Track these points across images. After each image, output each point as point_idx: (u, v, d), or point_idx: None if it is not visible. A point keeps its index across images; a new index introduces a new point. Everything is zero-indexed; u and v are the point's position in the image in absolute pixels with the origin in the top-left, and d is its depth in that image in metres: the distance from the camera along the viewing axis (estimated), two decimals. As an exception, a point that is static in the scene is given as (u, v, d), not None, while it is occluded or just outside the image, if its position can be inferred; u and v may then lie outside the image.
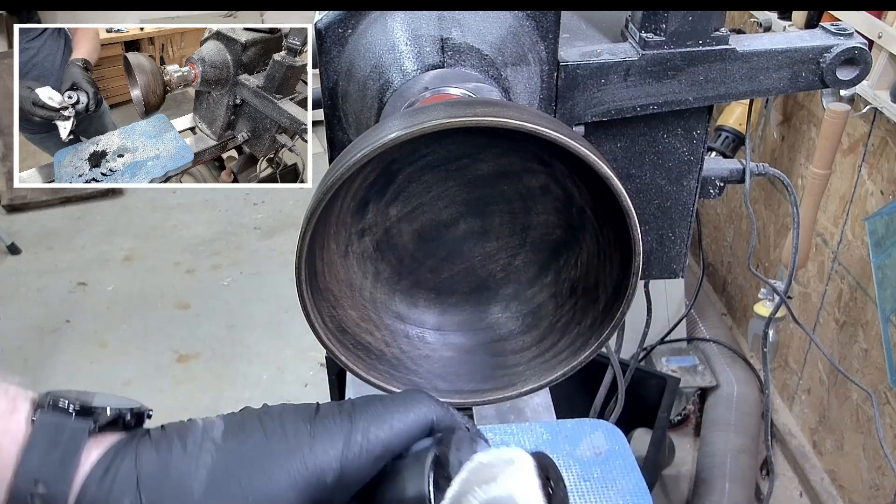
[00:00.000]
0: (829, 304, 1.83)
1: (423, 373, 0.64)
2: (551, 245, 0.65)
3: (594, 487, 0.73)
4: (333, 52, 0.69)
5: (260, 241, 3.00)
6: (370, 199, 0.61)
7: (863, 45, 0.72)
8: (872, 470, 1.71)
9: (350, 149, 0.52)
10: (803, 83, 0.74)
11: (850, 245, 1.72)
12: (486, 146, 0.60)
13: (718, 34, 0.71)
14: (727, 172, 0.84)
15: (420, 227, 0.64)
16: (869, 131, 1.62)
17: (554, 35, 0.69)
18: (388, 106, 0.63)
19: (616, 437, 0.79)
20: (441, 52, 0.64)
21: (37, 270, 2.90)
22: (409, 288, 0.67)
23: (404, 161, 0.60)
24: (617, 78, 0.71)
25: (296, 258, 0.53)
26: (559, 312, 0.65)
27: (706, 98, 0.73)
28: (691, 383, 2.08)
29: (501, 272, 0.67)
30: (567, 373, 0.61)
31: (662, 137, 0.77)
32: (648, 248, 0.83)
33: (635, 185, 0.79)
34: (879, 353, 1.62)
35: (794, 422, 2.04)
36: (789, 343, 2.04)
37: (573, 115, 0.73)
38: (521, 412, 0.90)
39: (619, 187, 0.51)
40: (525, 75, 0.69)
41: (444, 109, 0.51)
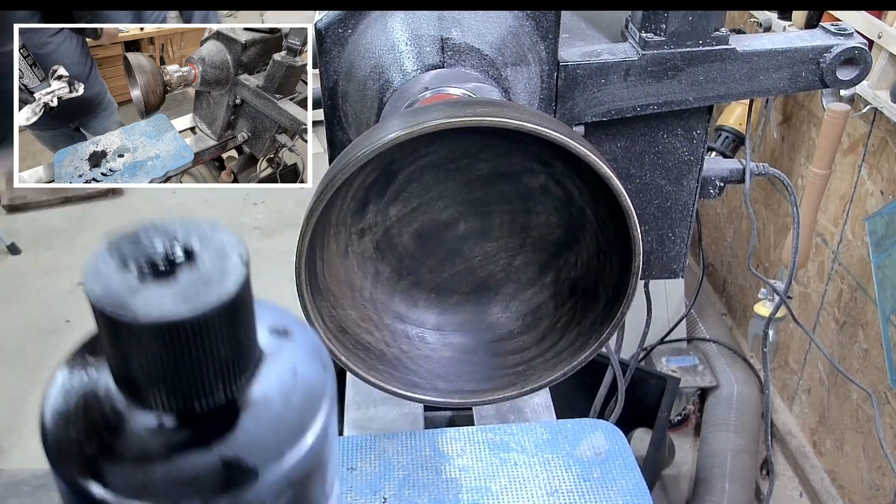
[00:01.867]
0: (829, 304, 1.83)
1: (423, 373, 0.64)
2: (551, 245, 0.65)
3: (594, 487, 0.73)
4: (333, 52, 0.69)
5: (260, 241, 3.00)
6: (370, 199, 0.61)
7: (863, 45, 0.72)
8: (872, 470, 1.71)
9: (350, 149, 0.52)
10: (803, 83, 0.74)
11: (850, 245, 1.72)
12: (486, 146, 0.60)
13: (718, 34, 0.71)
14: (727, 172, 0.84)
15: (420, 227, 0.64)
16: (869, 131, 1.62)
17: (554, 35, 0.69)
18: (388, 106, 0.63)
19: (616, 437, 0.79)
20: (441, 52, 0.64)
21: (37, 270, 2.89)
22: (409, 288, 0.67)
23: (404, 161, 0.60)
24: (617, 78, 0.71)
25: (296, 258, 0.53)
26: (559, 312, 0.65)
27: (706, 98, 0.73)
28: (691, 383, 2.08)
29: (501, 272, 0.67)
30: (567, 373, 0.61)
31: (662, 137, 0.77)
32: (648, 248, 0.83)
33: (635, 185, 0.79)
34: (879, 353, 1.62)
35: (794, 422, 2.04)
36: (789, 343, 2.04)
37: (573, 115, 0.73)
38: (521, 412, 0.90)
39: (619, 187, 0.51)
40: (525, 75, 0.69)
41: (444, 109, 0.51)
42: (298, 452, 0.24)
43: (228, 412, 0.24)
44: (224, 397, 0.24)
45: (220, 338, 0.23)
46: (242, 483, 0.23)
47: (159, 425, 0.24)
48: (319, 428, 0.25)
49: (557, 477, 0.74)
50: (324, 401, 0.26)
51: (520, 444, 0.78)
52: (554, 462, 0.76)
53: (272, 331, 0.27)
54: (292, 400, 0.25)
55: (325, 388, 0.26)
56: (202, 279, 0.23)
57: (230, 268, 0.23)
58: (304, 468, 0.24)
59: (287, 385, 0.26)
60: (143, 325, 0.22)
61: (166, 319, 0.22)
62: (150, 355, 0.23)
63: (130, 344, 0.23)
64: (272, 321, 0.28)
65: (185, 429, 0.24)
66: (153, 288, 0.23)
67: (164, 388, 0.23)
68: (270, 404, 0.25)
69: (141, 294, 0.23)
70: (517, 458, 0.77)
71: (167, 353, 0.22)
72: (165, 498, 0.22)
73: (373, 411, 0.89)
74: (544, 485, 0.74)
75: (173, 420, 0.24)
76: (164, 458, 0.23)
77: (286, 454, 0.24)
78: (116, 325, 0.22)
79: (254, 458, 0.23)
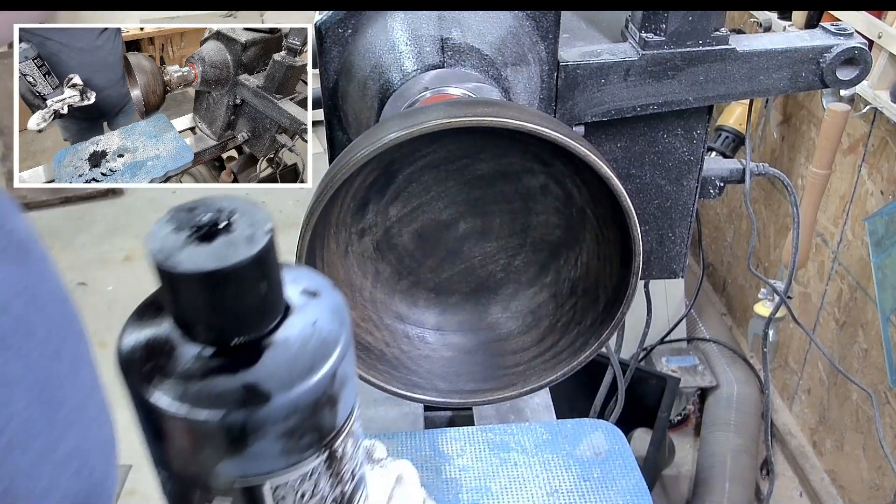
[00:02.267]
0: (829, 304, 1.83)
1: (423, 373, 0.64)
2: (551, 245, 0.65)
3: (594, 487, 0.73)
4: (333, 52, 0.69)
5: (260, 241, 3.00)
6: (370, 199, 0.61)
7: (863, 45, 0.72)
8: (872, 470, 1.71)
9: (350, 149, 0.52)
10: (803, 83, 0.74)
11: (850, 245, 1.72)
12: (486, 146, 0.60)
13: (718, 34, 0.71)
14: (727, 172, 0.84)
15: (420, 227, 0.64)
16: (869, 131, 1.62)
17: (554, 35, 0.69)
18: (388, 106, 0.63)
19: (616, 437, 0.79)
20: (441, 52, 0.64)
21: (37, 270, 2.89)
22: (409, 288, 0.67)
23: (404, 161, 0.60)
24: (617, 78, 0.71)
25: (296, 258, 0.53)
26: (559, 312, 0.65)
27: (706, 98, 0.73)
28: (691, 383, 2.08)
29: (501, 272, 0.67)
30: (567, 373, 0.61)
31: (662, 137, 0.77)
32: (648, 248, 0.83)
33: (635, 185, 0.79)
34: (879, 353, 1.62)
35: (794, 422, 2.04)
36: (789, 343, 2.04)
37: (573, 115, 0.73)
38: (521, 412, 0.90)
39: (619, 187, 0.51)
40: (525, 75, 0.69)
41: (444, 109, 0.51)
42: (307, 386, 0.30)
43: (253, 348, 0.31)
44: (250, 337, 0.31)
45: (245, 289, 0.30)
46: (257, 403, 0.29)
47: (199, 353, 0.31)
48: (328, 369, 0.31)
49: (557, 477, 0.74)
50: (336, 349, 0.32)
51: (520, 444, 0.78)
52: (554, 462, 0.76)
53: (304, 291, 0.34)
54: (308, 345, 0.31)
55: (339, 340, 0.32)
56: (233, 243, 0.30)
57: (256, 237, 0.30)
58: (310, 399, 0.31)
59: (306, 334, 0.32)
60: (182, 274, 0.29)
61: (199, 270, 0.29)
62: (190, 298, 0.30)
63: (176, 289, 0.30)
64: (307, 284, 0.34)
65: (218, 358, 0.30)
66: (195, 247, 0.30)
67: (203, 326, 0.30)
68: (289, 346, 0.31)
69: (184, 251, 0.29)
70: (517, 458, 0.77)
71: (203, 297, 0.30)
72: (198, 405, 0.29)
73: (373, 411, 0.89)
74: (544, 485, 0.74)
75: (210, 350, 0.31)
76: (201, 377, 0.30)
77: (296, 386, 0.30)
78: (165, 274, 0.29)
79: (268, 386, 0.30)
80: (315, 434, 0.32)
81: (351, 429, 0.35)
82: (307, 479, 0.33)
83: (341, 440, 0.34)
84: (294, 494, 0.33)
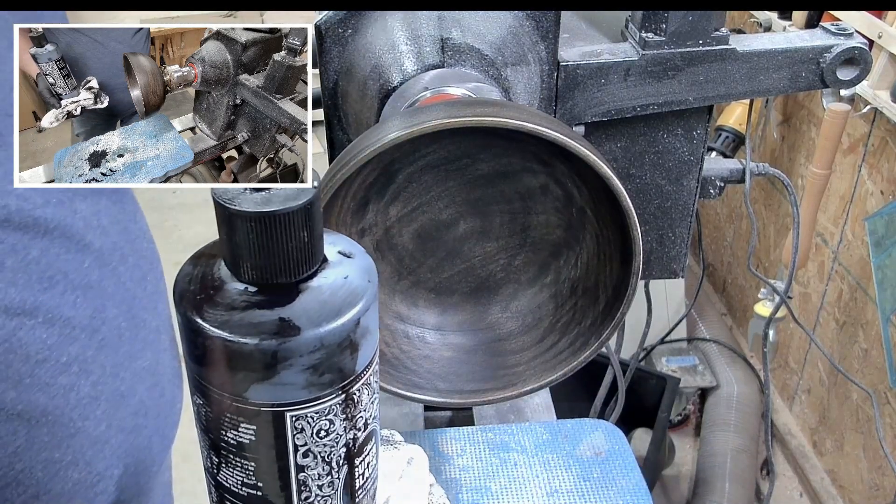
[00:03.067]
0: (829, 304, 1.83)
1: (423, 373, 0.64)
2: (551, 245, 0.65)
3: (594, 487, 0.73)
4: (333, 52, 0.69)
5: (260, 241, 3.00)
6: (370, 199, 0.61)
7: (863, 45, 0.72)
8: (872, 470, 1.71)
9: (350, 149, 0.52)
10: (803, 83, 0.74)
11: (850, 245, 1.72)
12: (486, 146, 0.60)
13: (718, 34, 0.71)
14: (727, 172, 0.84)
15: (420, 227, 0.64)
16: (869, 131, 1.62)
17: (554, 35, 0.69)
18: (388, 106, 0.63)
19: (616, 437, 0.79)
20: (441, 52, 0.64)
21: (37, 270, 2.89)
22: (409, 288, 0.67)
23: (404, 161, 0.60)
24: (617, 78, 0.71)
25: (296, 258, 0.53)
26: (559, 312, 0.65)
27: (706, 98, 0.73)
28: (691, 383, 2.09)
29: (501, 272, 0.67)
30: (567, 373, 0.61)
31: (662, 137, 0.77)
32: (648, 248, 0.83)
33: (635, 185, 0.79)
34: (879, 353, 1.62)
35: (794, 422, 2.04)
36: (789, 343, 2.04)
37: (573, 115, 0.73)
38: (521, 412, 0.90)
39: (619, 187, 0.51)
40: (525, 75, 0.69)
41: (444, 109, 0.51)
42: (333, 326, 0.35)
43: (290, 290, 0.36)
44: (289, 280, 0.36)
45: (289, 235, 0.35)
46: (288, 334, 0.34)
47: (244, 289, 0.36)
48: (353, 315, 0.36)
49: (557, 477, 0.74)
50: (361, 300, 0.36)
51: (520, 444, 0.78)
52: (554, 462, 0.76)
53: (340, 252, 0.39)
54: (337, 294, 0.36)
55: (366, 293, 0.37)
56: (282, 196, 0.35)
57: (304, 192, 0.35)
58: (335, 339, 0.35)
59: (337, 284, 0.37)
60: (239, 212, 0.34)
61: (253, 210, 0.34)
62: (242, 237, 0.35)
63: (232, 227, 0.35)
64: (343, 247, 0.39)
65: (259, 294, 0.35)
66: (253, 194, 0.35)
67: (250, 265, 0.35)
68: (321, 292, 0.36)
69: (243, 195, 0.35)
70: (517, 458, 0.77)
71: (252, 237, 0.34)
72: (238, 332, 0.34)
73: (373, 411, 0.88)
74: (544, 485, 0.74)
75: (254, 288, 0.36)
76: (243, 309, 0.35)
77: (323, 325, 0.35)
78: (225, 212, 0.35)
79: (300, 322, 0.34)
80: (336, 374, 0.36)
81: (368, 379, 0.39)
82: (324, 416, 0.37)
83: (358, 386, 0.38)
84: (311, 429, 0.37)
